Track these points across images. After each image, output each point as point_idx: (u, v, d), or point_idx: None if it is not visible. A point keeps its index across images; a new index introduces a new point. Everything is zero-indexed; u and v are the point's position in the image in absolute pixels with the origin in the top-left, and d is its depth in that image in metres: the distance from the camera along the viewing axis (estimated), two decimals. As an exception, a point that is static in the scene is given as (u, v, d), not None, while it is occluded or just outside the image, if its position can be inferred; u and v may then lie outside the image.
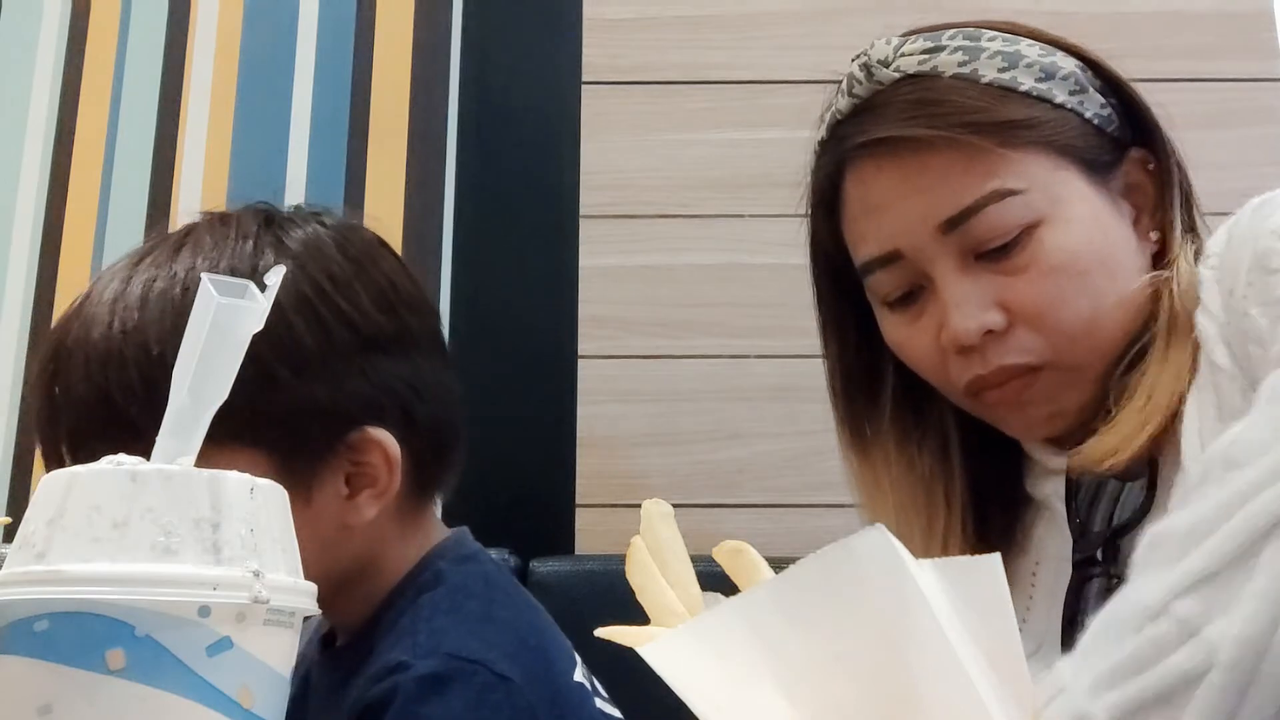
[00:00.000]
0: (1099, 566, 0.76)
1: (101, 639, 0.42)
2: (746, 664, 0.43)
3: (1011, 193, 0.78)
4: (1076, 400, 0.79)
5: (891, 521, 0.86)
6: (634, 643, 0.45)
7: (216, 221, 0.85)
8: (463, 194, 1.48)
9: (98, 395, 0.76)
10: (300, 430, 0.78)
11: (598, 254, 1.44)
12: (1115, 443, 0.75)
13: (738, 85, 1.48)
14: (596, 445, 1.38)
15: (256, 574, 0.44)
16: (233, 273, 0.79)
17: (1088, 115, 0.81)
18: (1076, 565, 0.78)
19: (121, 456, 0.46)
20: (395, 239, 1.46)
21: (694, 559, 0.53)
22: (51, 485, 0.45)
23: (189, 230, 0.85)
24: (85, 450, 0.77)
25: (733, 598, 0.45)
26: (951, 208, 0.78)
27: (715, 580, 0.51)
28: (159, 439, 0.47)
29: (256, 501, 0.46)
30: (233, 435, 0.72)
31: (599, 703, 0.83)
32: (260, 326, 0.49)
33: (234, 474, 0.47)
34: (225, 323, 0.47)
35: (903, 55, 0.85)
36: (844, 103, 0.87)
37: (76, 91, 1.52)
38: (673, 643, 0.43)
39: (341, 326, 0.81)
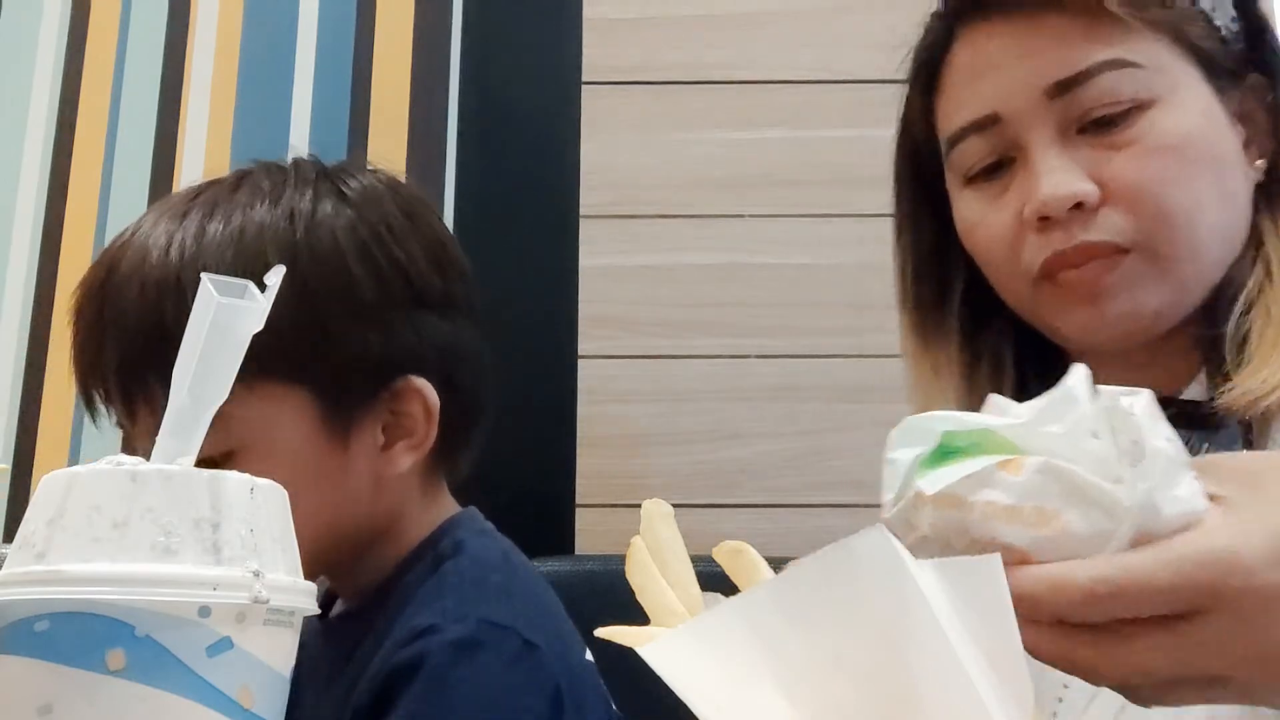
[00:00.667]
0: None
1: (101, 639, 0.42)
2: (746, 664, 0.43)
3: (1130, 64, 0.75)
4: (1155, 301, 0.75)
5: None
6: (634, 643, 0.45)
7: (273, 168, 0.86)
8: (463, 194, 1.48)
9: (154, 321, 0.76)
10: (347, 374, 0.79)
11: (598, 254, 1.44)
12: (1274, 380, 0.69)
13: (738, 85, 1.48)
14: (596, 445, 1.38)
15: (256, 574, 0.44)
16: (292, 216, 0.81)
17: (1217, 23, 0.77)
18: None
19: (121, 456, 0.46)
20: (395, 239, 1.46)
21: (694, 559, 0.53)
22: (51, 485, 0.46)
23: (243, 174, 0.85)
24: (137, 380, 0.78)
25: (733, 598, 0.45)
26: (1064, 70, 0.75)
27: (715, 580, 0.51)
28: (159, 439, 0.47)
29: (256, 501, 0.46)
30: (283, 374, 0.77)
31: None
32: (260, 326, 0.49)
33: (234, 474, 0.47)
34: (225, 322, 0.47)
35: None
36: None
37: (76, 91, 1.52)
38: (673, 643, 0.43)
39: (397, 277, 0.82)
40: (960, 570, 0.44)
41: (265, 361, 0.64)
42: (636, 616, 0.51)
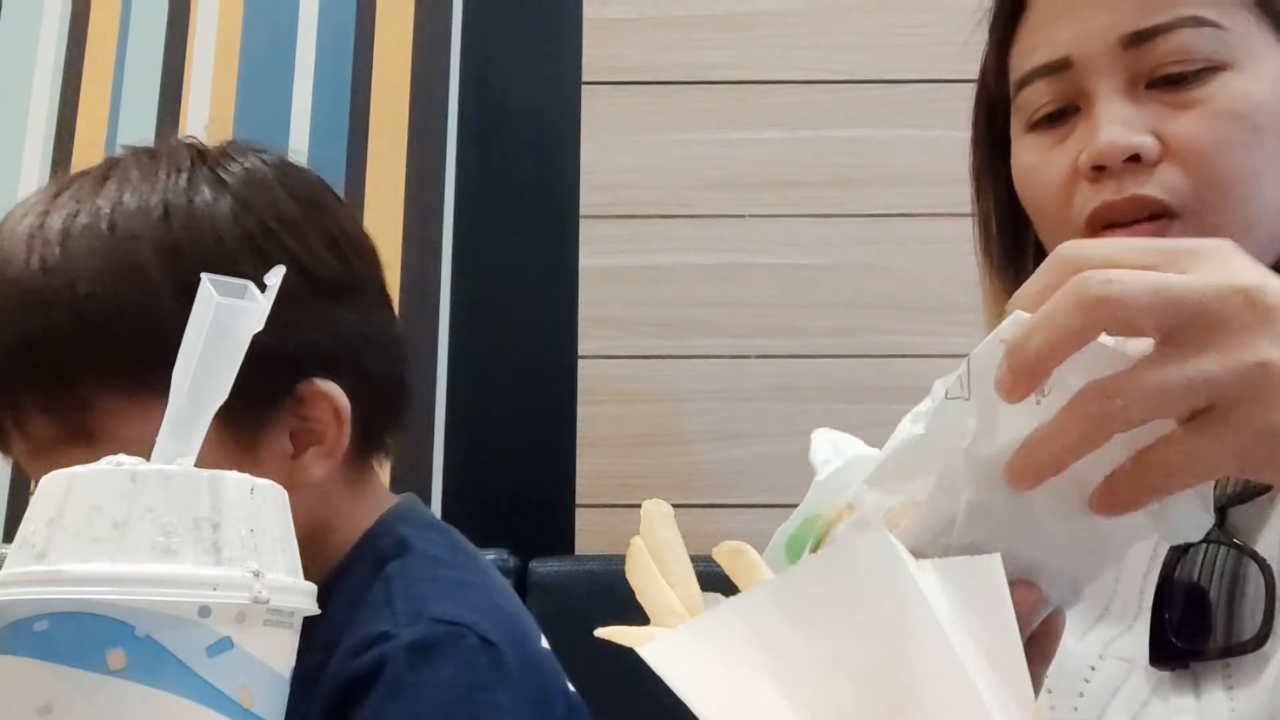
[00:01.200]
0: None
1: (102, 639, 0.42)
2: (746, 664, 0.43)
3: (1210, 23, 0.73)
4: None
5: None
6: (634, 643, 0.45)
7: (144, 155, 0.79)
8: (463, 194, 1.48)
9: (20, 340, 0.71)
10: (245, 383, 0.72)
11: (598, 254, 1.44)
12: None
13: (738, 85, 1.48)
14: (596, 445, 1.38)
15: (257, 574, 0.44)
16: (166, 209, 0.74)
17: None
18: None
19: (121, 457, 0.46)
20: (395, 239, 1.47)
21: (694, 559, 0.53)
22: (51, 485, 0.45)
23: (112, 164, 0.79)
24: (9, 399, 0.72)
25: (732, 598, 0.45)
26: (1142, 21, 0.74)
27: (715, 580, 0.51)
28: (159, 440, 0.47)
29: (256, 501, 0.46)
30: (166, 383, 0.70)
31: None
32: (260, 326, 0.49)
33: (234, 474, 0.47)
34: (225, 323, 0.47)
35: None
36: None
37: (76, 91, 1.52)
38: (672, 643, 0.43)
39: (291, 271, 0.75)
40: (960, 570, 0.44)
41: (156, 372, 0.58)
42: (636, 617, 0.51)
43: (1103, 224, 0.74)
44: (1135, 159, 0.73)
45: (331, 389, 0.76)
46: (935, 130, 1.46)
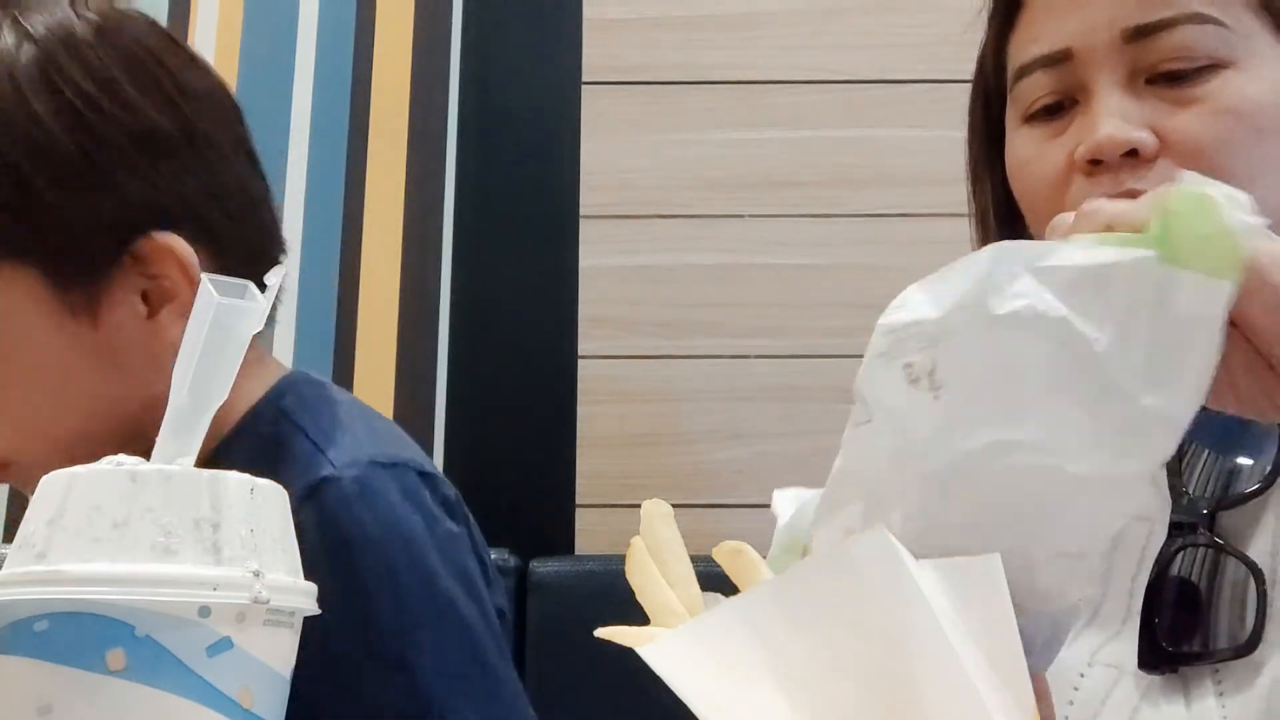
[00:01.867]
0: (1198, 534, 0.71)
1: (101, 639, 0.42)
2: (746, 664, 0.43)
3: (1213, 21, 0.73)
4: None
5: None
6: (634, 643, 0.45)
7: None
8: (463, 194, 1.48)
9: None
10: (72, 243, 0.71)
11: (598, 254, 1.44)
12: None
13: (738, 85, 1.48)
14: (596, 445, 1.38)
15: (257, 574, 0.44)
16: None
17: None
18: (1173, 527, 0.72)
19: (121, 457, 0.46)
20: (395, 239, 1.47)
21: (694, 559, 0.53)
22: (51, 485, 0.46)
23: None
24: None
25: (733, 598, 0.46)
26: (1146, 15, 0.74)
27: (715, 580, 0.52)
28: (159, 440, 0.47)
29: (256, 501, 0.46)
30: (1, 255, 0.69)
31: None
32: (261, 326, 0.49)
33: (234, 474, 0.47)
34: (225, 323, 0.47)
35: None
36: None
37: (76, 91, 1.52)
38: (672, 643, 0.43)
39: (108, 125, 0.71)
40: (960, 571, 0.44)
41: None
42: (636, 617, 0.51)
43: None
44: (1133, 154, 0.72)
45: (174, 242, 0.72)
46: (935, 130, 1.46)
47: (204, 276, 0.48)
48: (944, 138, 1.46)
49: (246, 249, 0.78)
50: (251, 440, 0.74)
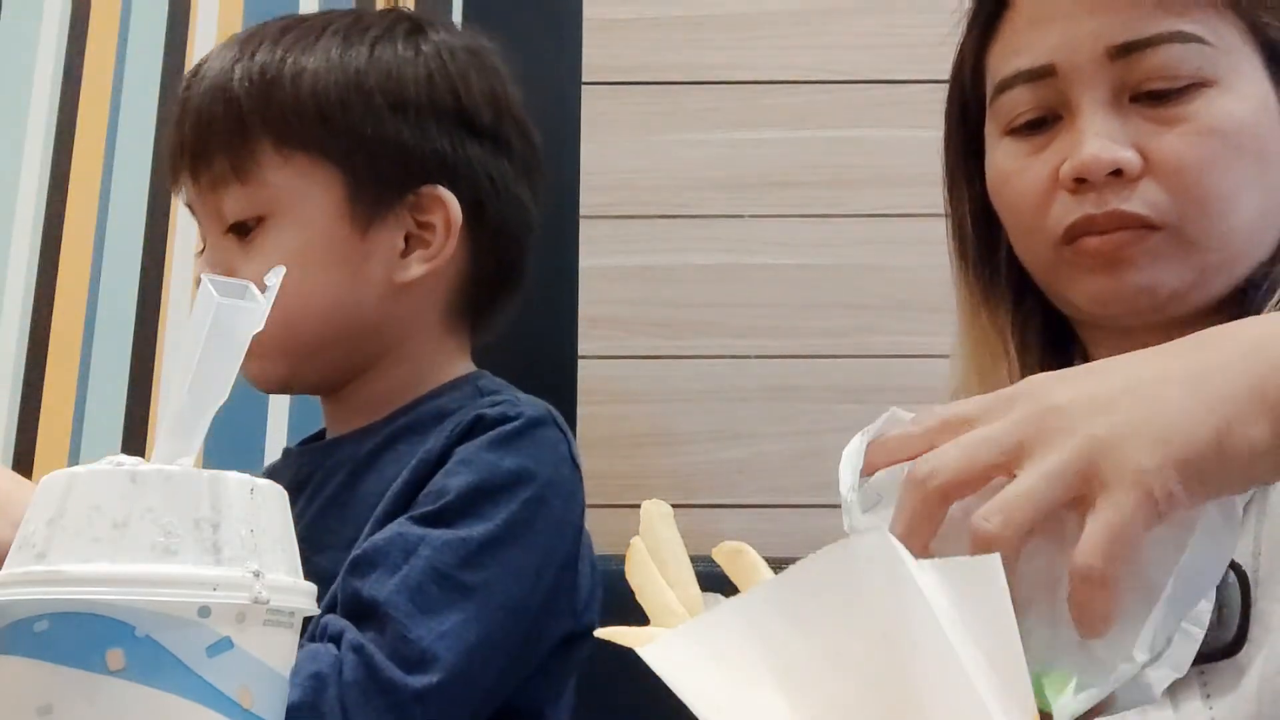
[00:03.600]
0: None
1: (101, 639, 0.42)
2: (746, 664, 0.43)
3: (1197, 39, 0.73)
4: (1174, 281, 0.74)
5: (974, 379, 0.85)
6: (634, 643, 0.45)
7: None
8: (463, 194, 1.48)
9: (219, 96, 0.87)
10: (378, 161, 0.87)
11: (598, 254, 1.44)
12: None
13: (738, 85, 1.48)
14: (597, 446, 1.38)
15: (257, 574, 0.44)
16: (372, 45, 0.89)
17: None
18: None
19: (121, 457, 0.46)
20: (395, 239, 1.46)
21: (694, 559, 0.53)
22: (51, 485, 0.46)
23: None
24: (204, 157, 0.87)
25: (732, 598, 0.46)
26: (1130, 33, 0.74)
27: (715, 581, 0.52)
28: (158, 440, 0.47)
29: (256, 502, 0.46)
30: (318, 147, 0.86)
31: None
32: (260, 327, 0.49)
33: (234, 474, 0.47)
34: (225, 323, 0.47)
35: None
36: None
37: (76, 91, 1.52)
38: (672, 643, 0.43)
39: (446, 92, 0.89)
40: (960, 570, 0.44)
41: (302, 135, 0.83)
42: (636, 617, 0.51)
43: (1081, 234, 0.75)
44: (1118, 173, 0.73)
45: (448, 197, 0.88)
46: (934, 131, 1.45)
47: (204, 277, 0.48)
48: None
49: (504, 244, 0.93)
50: (450, 398, 0.88)
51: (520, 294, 0.98)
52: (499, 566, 0.78)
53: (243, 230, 0.87)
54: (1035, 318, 0.84)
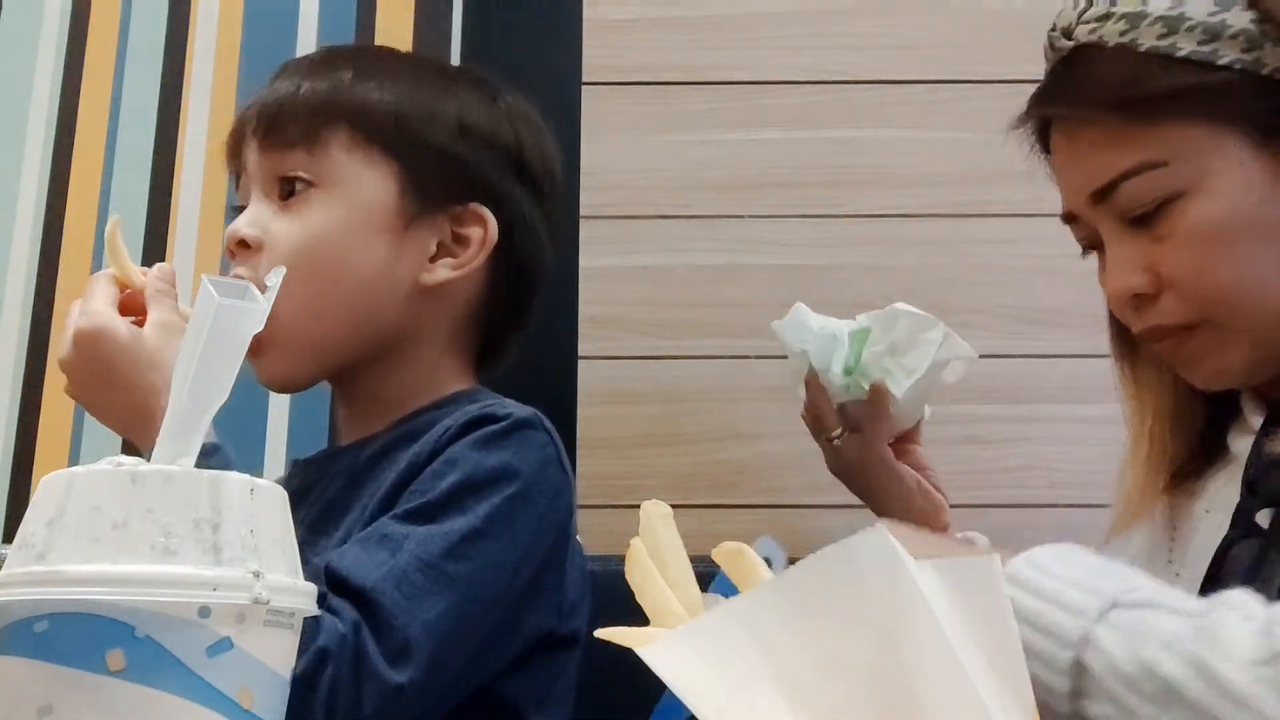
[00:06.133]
0: (1255, 531, 0.76)
1: (101, 639, 0.42)
2: (746, 665, 0.43)
3: (1152, 165, 0.78)
4: (1241, 360, 0.80)
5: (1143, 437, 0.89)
6: (633, 644, 0.45)
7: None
8: (463, 194, 1.48)
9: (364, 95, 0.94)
10: (436, 168, 0.93)
11: (598, 254, 1.44)
12: None
13: (738, 85, 1.48)
14: (596, 446, 1.38)
15: (257, 574, 0.44)
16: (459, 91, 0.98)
17: (1265, 71, 0.77)
18: (1234, 523, 0.78)
19: (121, 457, 0.46)
20: (395, 239, 1.46)
21: (694, 560, 0.53)
22: (51, 486, 0.46)
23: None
24: (278, 124, 0.92)
25: (732, 599, 0.46)
26: (1098, 180, 0.81)
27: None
28: (159, 440, 0.47)
29: (256, 502, 0.46)
30: (388, 144, 0.92)
31: None
32: (260, 327, 0.49)
33: (234, 475, 0.47)
34: (225, 324, 0.47)
35: (1081, 23, 0.82)
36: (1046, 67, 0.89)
37: (76, 91, 1.52)
38: (672, 644, 0.43)
39: (508, 134, 0.97)
40: (960, 571, 0.44)
41: (376, 130, 0.90)
42: (636, 617, 0.51)
43: (1148, 340, 0.83)
44: (1140, 295, 0.80)
45: (490, 216, 0.94)
46: (934, 131, 1.46)
47: (204, 277, 0.48)
48: (944, 138, 1.46)
49: (522, 281, 0.99)
50: (445, 413, 0.90)
51: (524, 336, 1.02)
52: (480, 558, 0.80)
53: (288, 191, 0.91)
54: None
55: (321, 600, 0.76)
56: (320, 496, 0.91)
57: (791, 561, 0.45)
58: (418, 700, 0.76)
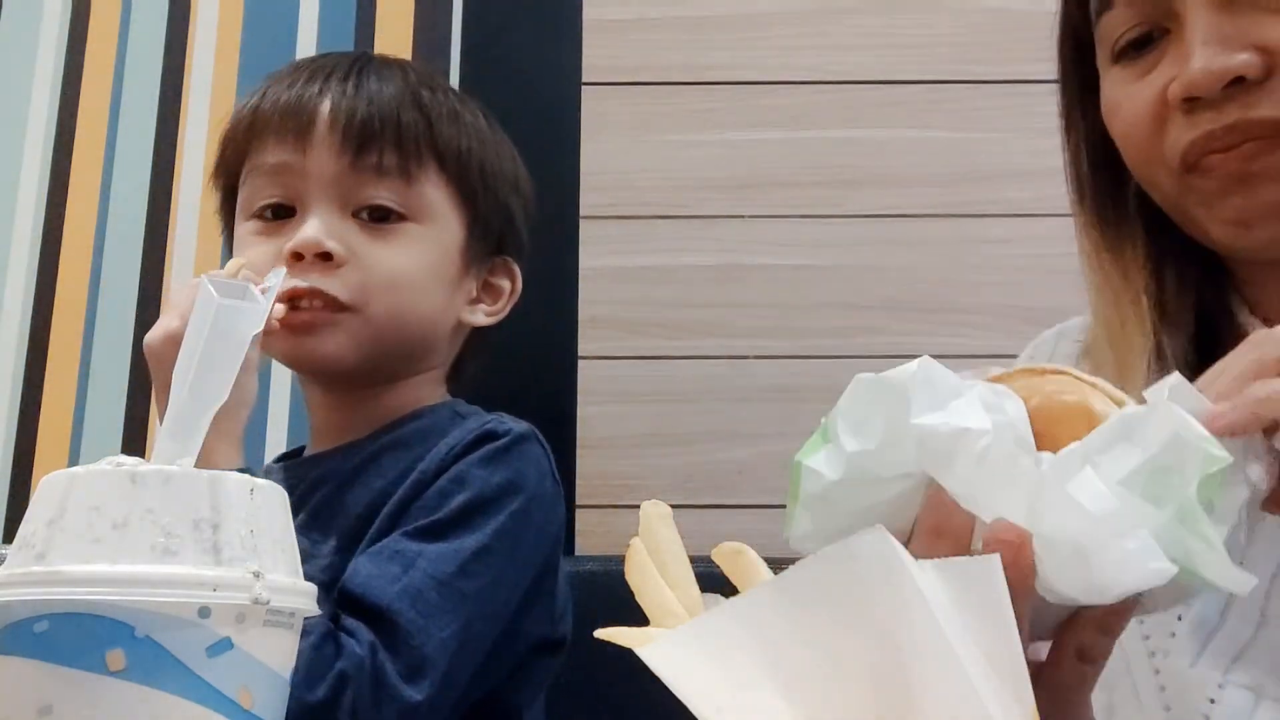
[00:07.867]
0: None
1: (101, 640, 0.42)
2: (746, 665, 0.43)
3: None
4: None
5: (1114, 318, 0.74)
6: (633, 644, 0.45)
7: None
8: (463, 194, 1.48)
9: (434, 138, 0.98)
10: (493, 221, 1.00)
11: (598, 254, 1.44)
12: None
13: (738, 85, 1.48)
14: (596, 446, 1.38)
15: (257, 575, 0.44)
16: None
17: None
18: None
19: (121, 457, 0.46)
20: (395, 239, 1.46)
21: (693, 560, 0.53)
22: (51, 486, 0.46)
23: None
24: (373, 143, 0.94)
25: (732, 599, 0.46)
26: None
27: (715, 582, 0.51)
28: (159, 440, 0.47)
29: (256, 502, 0.46)
30: (466, 189, 0.98)
31: None
32: (260, 328, 0.49)
33: (234, 475, 0.47)
34: (225, 324, 0.47)
35: None
36: None
37: (76, 91, 1.52)
38: (672, 644, 0.43)
39: (525, 179, 1.05)
40: (960, 570, 0.44)
41: (461, 173, 0.96)
42: (636, 618, 0.51)
43: (1200, 154, 0.66)
44: (1239, 80, 0.63)
45: (517, 271, 1.03)
46: (933, 131, 1.46)
47: (204, 277, 0.48)
48: (943, 138, 1.47)
49: (487, 337, 1.05)
50: (433, 418, 0.95)
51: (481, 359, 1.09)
52: (489, 574, 0.83)
53: (379, 218, 0.94)
54: (1174, 258, 0.74)
55: (335, 620, 0.78)
56: (302, 505, 0.91)
57: (791, 562, 0.45)
58: (433, 715, 0.78)
